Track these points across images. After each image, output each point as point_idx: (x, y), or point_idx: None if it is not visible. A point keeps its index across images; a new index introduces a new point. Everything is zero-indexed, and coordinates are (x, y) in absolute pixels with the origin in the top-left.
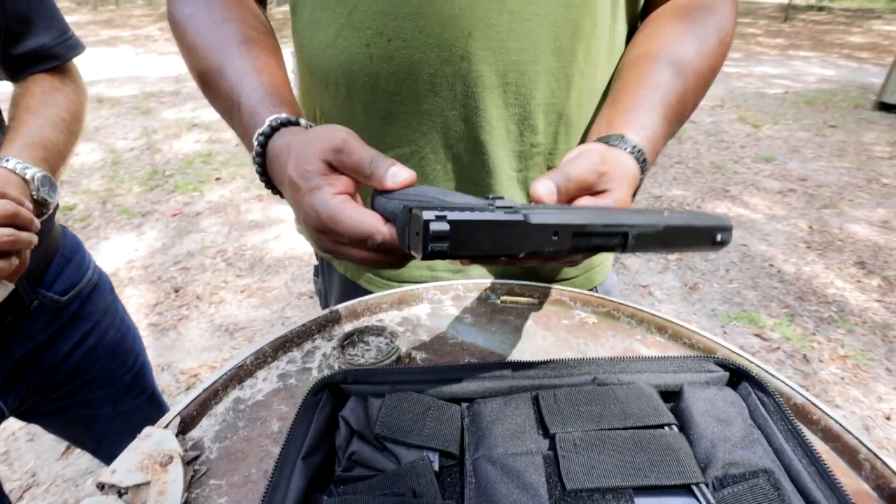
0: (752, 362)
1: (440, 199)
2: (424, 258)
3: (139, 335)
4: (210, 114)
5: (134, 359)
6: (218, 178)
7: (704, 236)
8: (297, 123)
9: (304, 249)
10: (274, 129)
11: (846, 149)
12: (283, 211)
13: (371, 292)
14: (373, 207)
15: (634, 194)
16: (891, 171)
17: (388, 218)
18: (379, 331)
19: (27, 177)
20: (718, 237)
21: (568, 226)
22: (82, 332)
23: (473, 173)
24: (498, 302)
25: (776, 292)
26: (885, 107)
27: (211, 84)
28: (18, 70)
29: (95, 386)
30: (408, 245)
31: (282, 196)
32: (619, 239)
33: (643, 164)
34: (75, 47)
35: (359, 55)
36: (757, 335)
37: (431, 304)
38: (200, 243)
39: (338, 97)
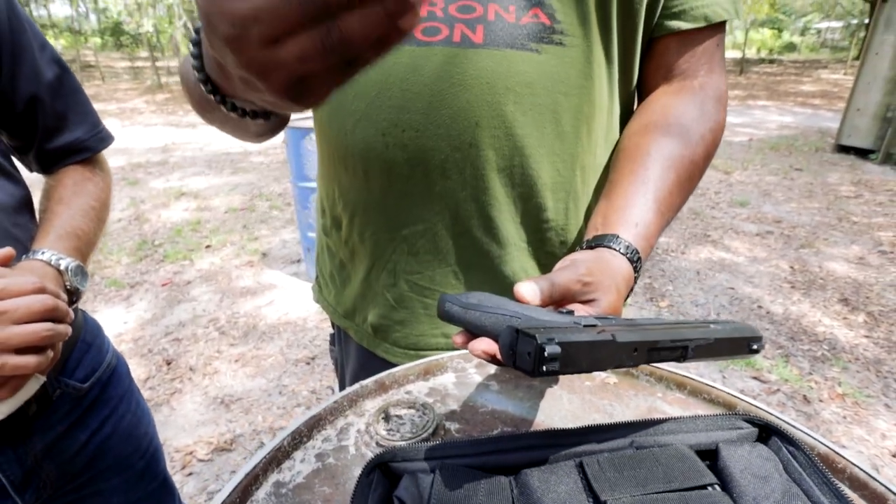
0: (773, 415)
1: (525, 315)
2: (534, 376)
3: (153, 417)
4: (198, 182)
5: (148, 443)
6: (208, 246)
7: (743, 345)
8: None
9: (297, 315)
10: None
11: (814, 190)
12: (275, 276)
13: (388, 361)
14: (441, 312)
15: (629, 294)
16: (858, 209)
17: (468, 330)
18: (410, 403)
19: (61, 267)
20: (754, 345)
21: (645, 342)
22: (100, 419)
23: (484, 247)
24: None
25: (768, 333)
26: (843, 149)
27: (204, 101)
28: (52, 163)
29: (108, 475)
30: (514, 362)
31: (215, 88)
32: (681, 351)
33: (637, 262)
34: (105, 139)
35: (375, 143)
36: (755, 378)
37: (456, 373)
38: (192, 313)
39: (356, 178)
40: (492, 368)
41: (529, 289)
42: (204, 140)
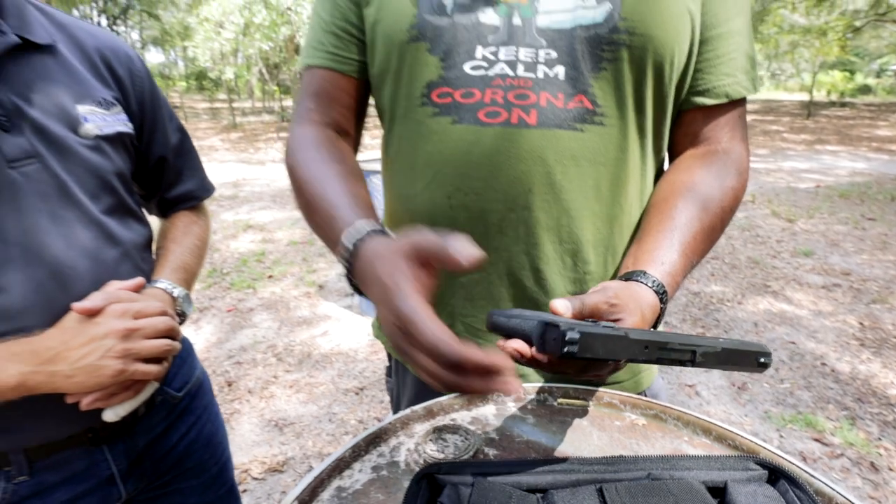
0: (790, 462)
1: (557, 319)
2: (561, 357)
3: (226, 431)
4: (263, 215)
5: (222, 451)
6: (270, 276)
7: (751, 358)
8: (384, 232)
9: (349, 346)
10: (366, 235)
11: (889, 241)
12: (330, 308)
13: (442, 394)
14: (490, 324)
15: (657, 323)
16: None
17: (507, 335)
18: (454, 429)
19: (174, 295)
20: (762, 360)
21: (656, 342)
22: (188, 425)
23: (533, 296)
24: (555, 404)
25: (832, 393)
26: None
27: (314, 206)
28: (168, 209)
29: (189, 476)
30: (544, 347)
31: (361, 293)
32: (690, 354)
33: (663, 294)
34: (210, 190)
35: (441, 204)
36: (817, 440)
37: (497, 406)
38: (253, 338)
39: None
40: (529, 402)
41: (562, 304)
42: (271, 177)
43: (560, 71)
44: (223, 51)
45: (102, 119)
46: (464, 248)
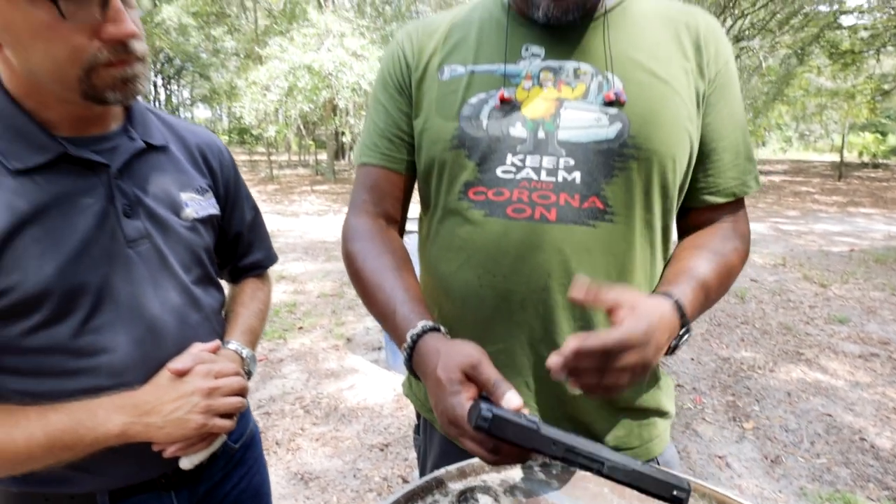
0: None
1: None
2: (475, 429)
3: (270, 483)
4: (296, 267)
5: (267, 501)
6: (300, 328)
7: (665, 488)
8: (438, 329)
9: (375, 401)
10: (424, 332)
11: None
12: (357, 361)
13: (468, 454)
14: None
15: (674, 349)
16: None
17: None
18: (485, 490)
19: (243, 356)
20: (676, 493)
21: (563, 442)
22: (240, 475)
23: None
24: (577, 469)
25: (872, 471)
26: None
27: (371, 295)
28: (238, 276)
29: None
30: (471, 421)
31: (417, 377)
32: (597, 465)
33: (681, 308)
34: (274, 259)
35: (471, 283)
36: None
37: (523, 469)
38: (282, 389)
39: (454, 305)
40: (553, 468)
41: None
42: (304, 229)
43: (577, 176)
44: (267, 111)
45: (199, 204)
46: (511, 399)
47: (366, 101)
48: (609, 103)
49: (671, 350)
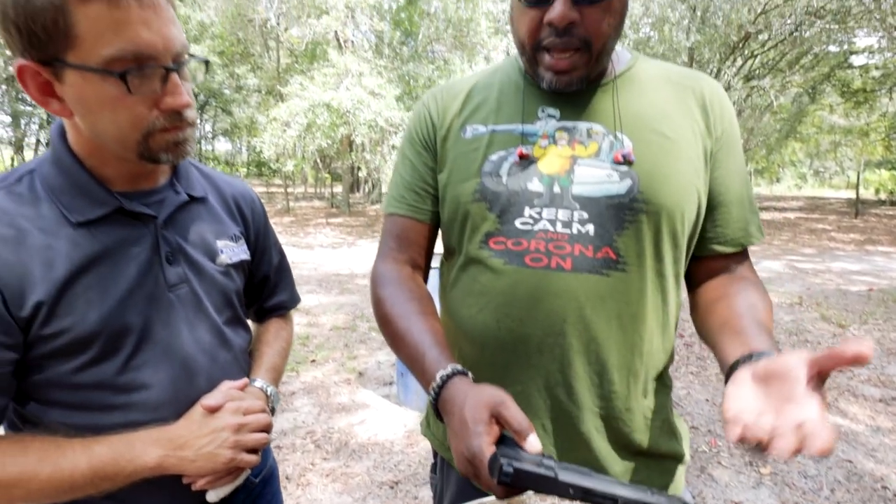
0: None
1: (536, 459)
2: (499, 483)
3: None
4: (310, 299)
5: None
6: (313, 361)
7: None
8: (467, 374)
9: (385, 437)
10: (454, 374)
11: None
12: (368, 396)
13: (483, 492)
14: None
15: None
16: None
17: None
18: None
19: (268, 393)
20: None
21: (580, 486)
22: None
23: (566, 408)
24: None
25: None
26: None
27: (400, 339)
28: (263, 316)
29: None
30: (492, 475)
31: (441, 419)
32: (611, 501)
33: None
34: (297, 300)
35: (491, 326)
36: None
37: None
38: (293, 423)
39: (474, 347)
40: None
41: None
42: (318, 261)
43: (590, 228)
44: (286, 147)
45: (232, 250)
46: (533, 444)
47: (381, 136)
48: (618, 163)
49: None
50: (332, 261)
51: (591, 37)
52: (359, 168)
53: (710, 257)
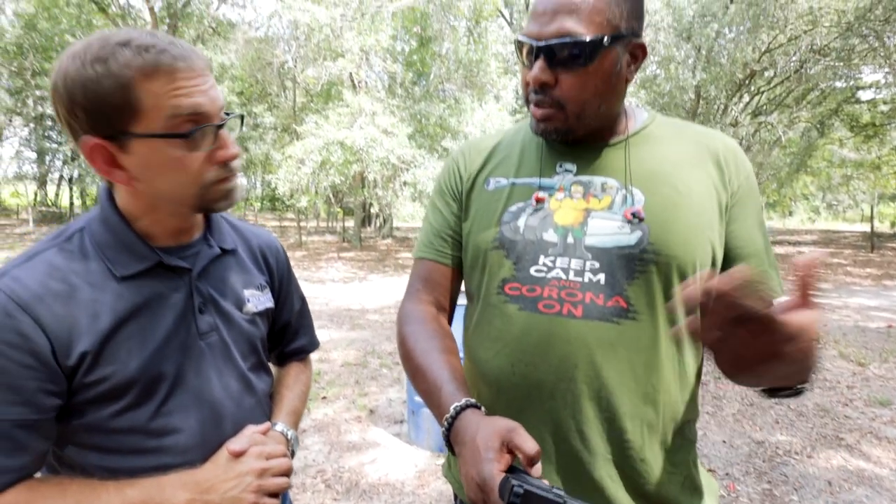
0: None
1: (546, 486)
2: None
3: None
4: (321, 335)
5: None
6: (324, 397)
7: None
8: (478, 407)
9: (396, 477)
10: (466, 407)
11: None
12: (379, 434)
13: None
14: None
15: (791, 392)
16: None
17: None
18: None
19: (288, 437)
20: None
21: None
22: None
23: (578, 454)
24: None
25: None
26: None
27: (420, 373)
28: (284, 360)
29: None
30: (502, 497)
31: (452, 451)
32: None
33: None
34: (316, 345)
35: (505, 370)
36: None
37: None
38: (303, 461)
39: (491, 390)
40: None
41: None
42: (329, 296)
43: (601, 277)
44: (301, 183)
45: (258, 299)
46: (539, 468)
47: (393, 173)
48: (629, 220)
49: (786, 392)
50: (343, 296)
51: (564, 99)
52: (371, 203)
53: None
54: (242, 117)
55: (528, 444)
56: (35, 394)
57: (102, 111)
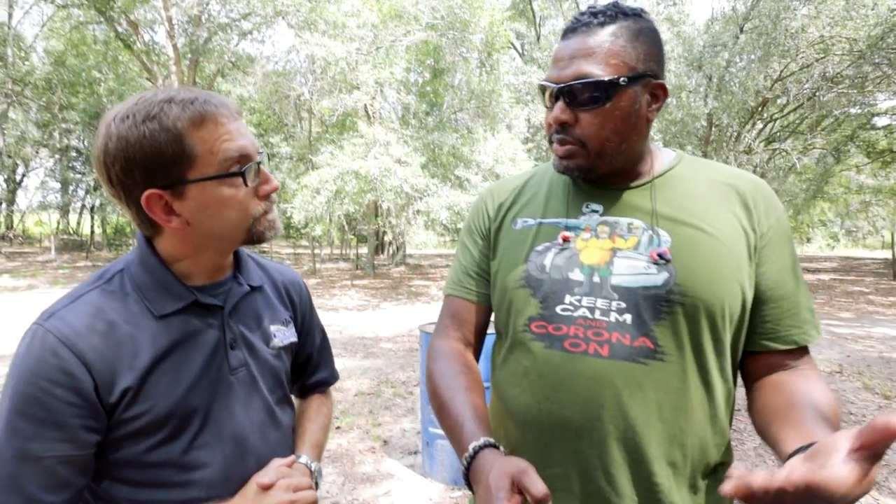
0: None
1: None
2: None
3: None
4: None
5: None
6: (338, 427)
7: None
8: (497, 446)
9: None
10: (485, 446)
11: None
12: (393, 465)
13: None
14: None
15: None
16: None
17: None
18: None
19: (312, 469)
20: None
21: None
22: None
23: (605, 495)
24: None
25: None
26: None
27: (443, 410)
28: (305, 393)
29: None
30: None
31: (471, 488)
32: None
33: None
34: (336, 377)
35: (532, 408)
36: None
37: None
38: (318, 493)
39: (518, 427)
40: None
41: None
42: (343, 324)
43: (628, 317)
44: (316, 212)
45: (283, 334)
46: None
47: (406, 202)
48: (655, 262)
49: None
50: (357, 323)
51: (585, 137)
52: (384, 232)
53: (765, 353)
54: (270, 157)
55: (536, 486)
56: (78, 430)
57: (159, 164)
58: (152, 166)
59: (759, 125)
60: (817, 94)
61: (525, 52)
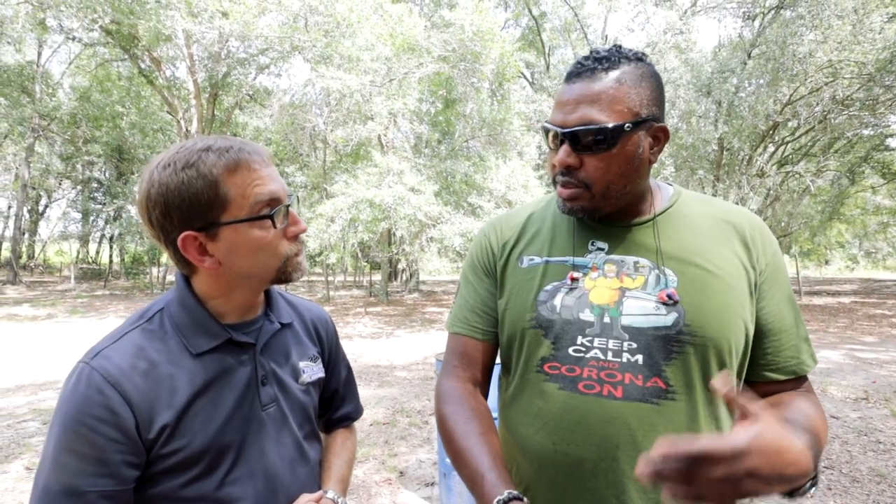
0: None
1: None
2: None
3: None
4: None
5: None
6: None
7: None
8: (521, 499)
9: None
10: (509, 500)
11: None
12: (410, 499)
13: None
14: None
15: (796, 492)
16: None
17: None
18: None
19: (338, 503)
20: None
21: None
22: None
23: None
24: None
25: None
26: None
27: (460, 458)
28: (330, 428)
29: None
30: None
31: None
32: None
33: (815, 447)
34: (360, 412)
35: (546, 447)
36: None
37: None
38: None
39: (532, 465)
40: None
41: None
42: (357, 352)
43: (639, 358)
44: (330, 240)
45: (312, 369)
46: None
47: (420, 229)
48: (664, 303)
49: (794, 493)
50: (371, 351)
51: (589, 180)
52: (398, 259)
53: (765, 383)
54: (298, 198)
55: None
56: (119, 466)
57: (195, 208)
58: (189, 210)
59: (771, 148)
60: (828, 116)
61: (535, 81)
